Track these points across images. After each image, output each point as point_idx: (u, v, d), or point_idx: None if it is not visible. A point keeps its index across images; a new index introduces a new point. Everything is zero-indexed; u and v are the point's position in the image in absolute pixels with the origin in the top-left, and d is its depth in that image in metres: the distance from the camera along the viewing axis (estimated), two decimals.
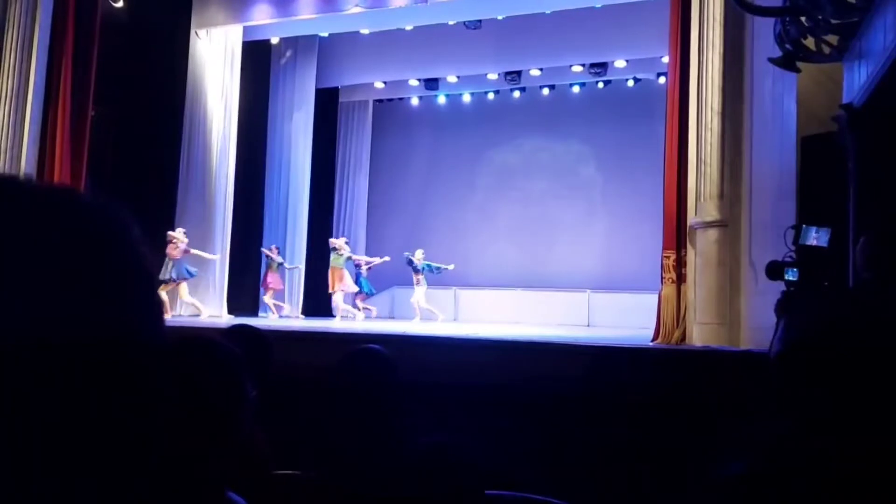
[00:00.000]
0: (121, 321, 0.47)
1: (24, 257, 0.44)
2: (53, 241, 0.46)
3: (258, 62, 12.45)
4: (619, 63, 12.12)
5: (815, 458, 1.15)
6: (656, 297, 7.58)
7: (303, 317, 12.28)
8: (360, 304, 12.12)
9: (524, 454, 4.21)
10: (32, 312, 0.43)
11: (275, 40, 12.48)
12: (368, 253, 14.23)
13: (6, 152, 8.88)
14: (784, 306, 3.58)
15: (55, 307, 0.44)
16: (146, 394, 0.48)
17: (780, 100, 5.34)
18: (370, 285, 12.24)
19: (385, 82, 13.65)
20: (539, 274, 13.01)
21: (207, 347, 1.36)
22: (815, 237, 3.90)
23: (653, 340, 7.34)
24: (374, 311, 12.00)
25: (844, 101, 3.88)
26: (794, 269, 4.11)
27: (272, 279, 11.52)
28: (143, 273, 0.50)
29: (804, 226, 4.07)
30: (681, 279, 7.23)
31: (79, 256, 0.46)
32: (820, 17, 3.78)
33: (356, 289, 11.73)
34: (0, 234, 0.44)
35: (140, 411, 0.47)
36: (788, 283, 4.13)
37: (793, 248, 4.18)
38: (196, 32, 10.98)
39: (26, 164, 8.89)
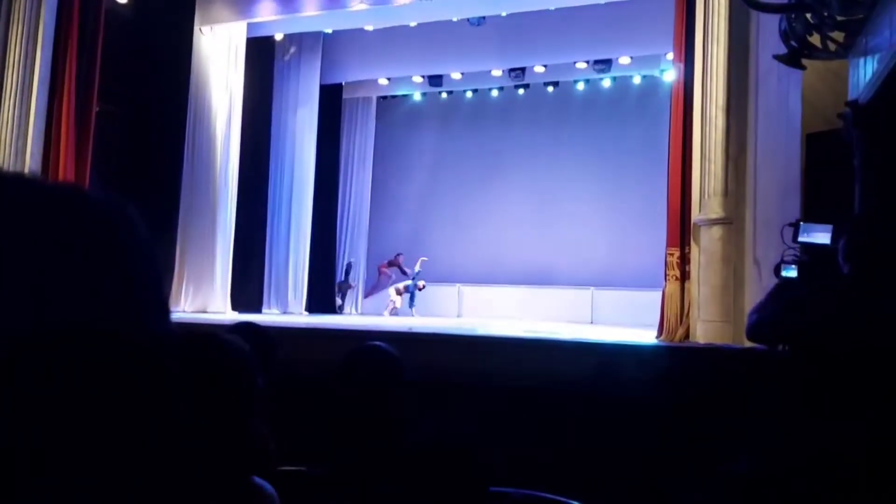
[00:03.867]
0: (126, 318, 0.47)
1: (31, 254, 0.44)
2: (60, 239, 0.46)
3: (262, 58, 12.45)
4: (624, 60, 12.09)
5: (816, 457, 1.15)
6: (660, 294, 7.58)
7: (306, 313, 12.30)
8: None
9: (529, 451, 4.22)
10: (38, 309, 0.43)
11: (279, 37, 12.48)
12: (371, 250, 14.25)
13: (11, 146, 8.91)
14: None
15: (60, 304, 0.44)
16: (151, 391, 0.48)
17: (784, 96, 5.32)
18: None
19: (389, 78, 13.64)
20: (543, 270, 13.01)
21: (217, 342, 1.40)
22: (816, 234, 3.89)
23: (657, 338, 7.34)
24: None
25: (850, 98, 3.86)
26: (792, 267, 4.11)
27: None
28: (148, 270, 0.51)
29: (802, 223, 4.06)
30: (685, 276, 7.22)
31: (85, 253, 0.46)
32: (826, 14, 3.77)
33: None
34: (7, 231, 0.45)
35: (144, 408, 0.48)
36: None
37: (794, 245, 4.17)
38: (200, 29, 10.99)
39: (31, 159, 8.91)
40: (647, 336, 7.52)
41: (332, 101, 13.70)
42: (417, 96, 14.48)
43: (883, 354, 1.61)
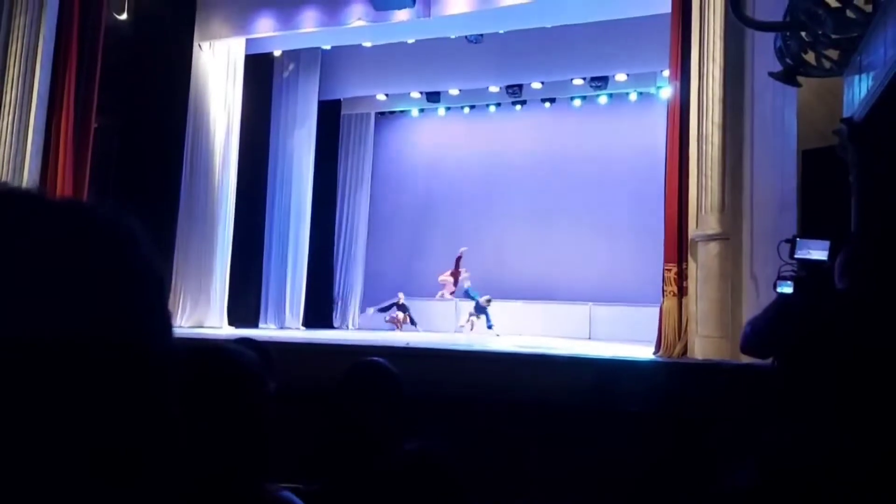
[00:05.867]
0: (128, 329, 0.48)
1: (33, 266, 0.45)
2: (62, 251, 0.46)
3: (261, 75, 12.51)
4: (620, 76, 12.17)
5: (817, 467, 1.15)
6: (658, 309, 7.57)
7: (303, 328, 12.27)
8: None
9: (526, 466, 4.20)
10: (38, 320, 0.43)
11: (277, 53, 12.54)
12: (368, 265, 14.24)
13: (9, 162, 8.91)
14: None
15: (62, 315, 0.44)
16: (152, 402, 0.48)
17: (780, 113, 5.35)
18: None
19: (387, 95, 13.71)
20: (540, 286, 13.00)
21: (225, 352, 1.43)
22: (813, 250, 3.90)
23: (654, 353, 7.33)
24: None
25: (845, 115, 3.89)
26: (788, 283, 4.12)
27: None
28: (151, 282, 0.51)
29: (798, 239, 4.07)
30: (682, 292, 7.22)
31: (87, 266, 0.47)
32: (820, 32, 3.80)
33: None
34: (9, 243, 0.45)
35: (144, 419, 0.48)
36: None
37: (791, 261, 4.18)
38: (199, 45, 11.03)
39: (29, 175, 8.91)
40: (644, 352, 7.51)
41: (330, 117, 13.76)
42: (415, 112, 14.54)
43: (877, 363, 1.62)
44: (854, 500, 1.15)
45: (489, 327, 11.95)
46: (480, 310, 12.15)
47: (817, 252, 3.86)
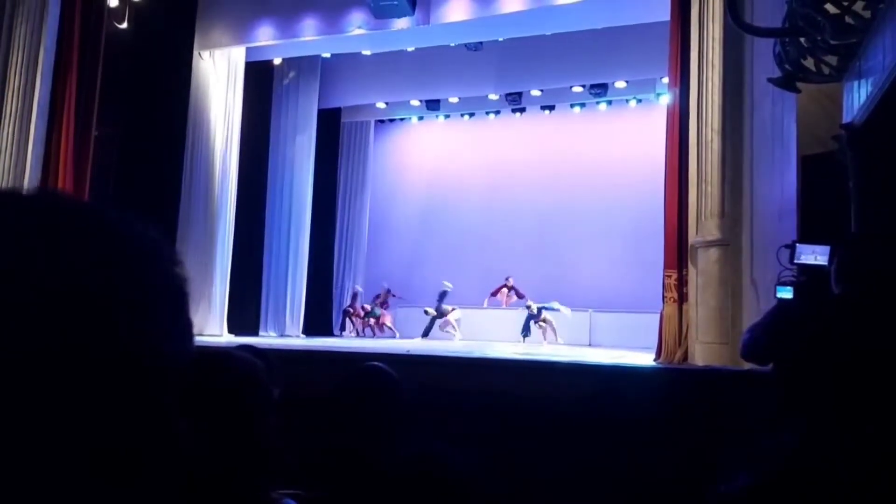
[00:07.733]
0: (149, 339, 0.47)
1: (54, 273, 0.44)
2: (84, 258, 0.46)
3: (261, 83, 12.53)
4: (619, 84, 12.20)
5: (817, 471, 1.15)
6: (658, 316, 7.56)
7: (304, 336, 12.26)
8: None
9: (526, 473, 4.19)
10: (58, 328, 0.43)
11: (277, 61, 12.57)
12: (368, 273, 14.23)
13: (9, 172, 8.92)
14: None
15: (81, 323, 0.44)
16: (151, 402, 0.48)
17: (780, 119, 5.36)
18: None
19: (386, 103, 13.74)
20: (540, 293, 12.99)
21: (230, 358, 1.43)
22: (813, 255, 3.91)
23: (655, 360, 7.32)
24: None
25: (844, 120, 3.90)
26: (787, 288, 4.12)
27: None
28: (173, 291, 0.51)
29: (798, 244, 4.08)
30: (682, 298, 7.21)
31: (110, 273, 0.47)
32: (819, 38, 3.82)
33: None
34: (31, 249, 0.45)
35: (143, 419, 0.48)
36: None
37: (791, 266, 4.18)
38: (199, 53, 11.05)
39: (29, 184, 8.90)
40: (645, 358, 7.50)
41: (330, 125, 13.79)
42: (415, 120, 14.58)
43: (875, 366, 1.62)
44: (854, 503, 1.16)
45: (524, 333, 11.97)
46: (535, 317, 12.03)
47: (817, 257, 3.87)
